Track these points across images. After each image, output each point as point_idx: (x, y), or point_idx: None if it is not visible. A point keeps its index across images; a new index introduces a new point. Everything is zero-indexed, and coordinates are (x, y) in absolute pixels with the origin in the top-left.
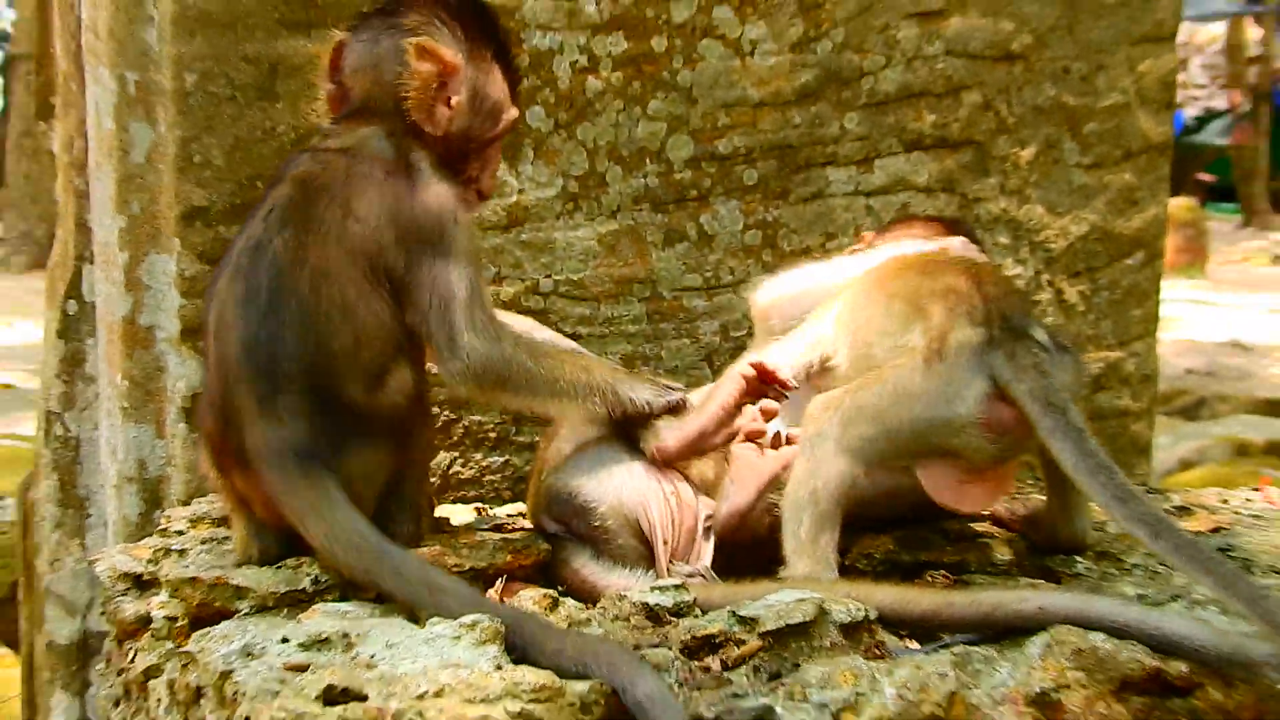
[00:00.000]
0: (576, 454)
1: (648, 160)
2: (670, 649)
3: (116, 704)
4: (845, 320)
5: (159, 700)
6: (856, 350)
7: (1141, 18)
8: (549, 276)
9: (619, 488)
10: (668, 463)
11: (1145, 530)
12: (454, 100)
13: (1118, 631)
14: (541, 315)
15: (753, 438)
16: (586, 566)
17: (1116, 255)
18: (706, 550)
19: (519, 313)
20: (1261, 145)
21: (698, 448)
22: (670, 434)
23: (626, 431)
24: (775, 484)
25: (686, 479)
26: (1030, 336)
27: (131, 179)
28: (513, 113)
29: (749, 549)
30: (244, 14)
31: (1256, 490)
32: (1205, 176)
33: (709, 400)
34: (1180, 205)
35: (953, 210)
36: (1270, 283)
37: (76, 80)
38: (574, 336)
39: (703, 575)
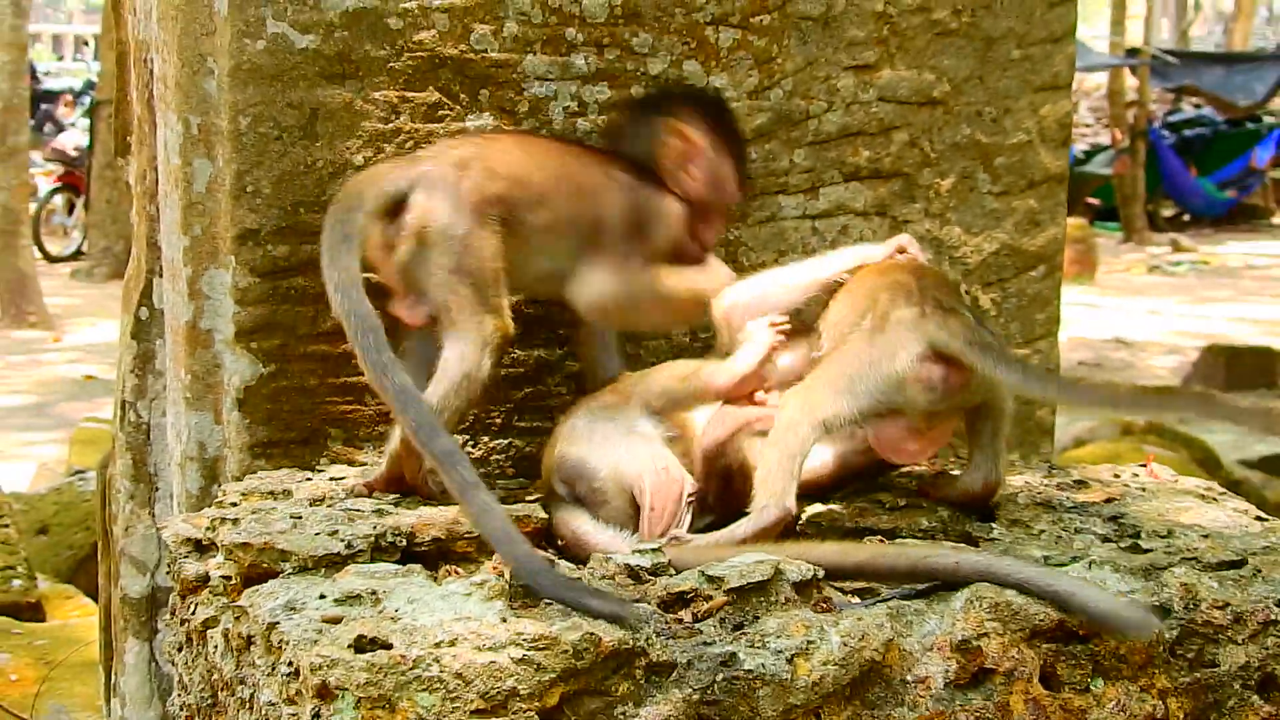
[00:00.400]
0: (588, 429)
1: None
2: (649, 603)
3: (180, 649)
4: (826, 319)
5: (216, 647)
6: (833, 344)
7: (1041, 70)
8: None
9: (618, 459)
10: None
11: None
12: (694, 172)
13: (1017, 586)
14: (539, 321)
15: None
16: (583, 527)
17: (1022, 268)
18: (685, 518)
19: (518, 316)
20: (1139, 174)
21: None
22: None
23: None
24: (750, 428)
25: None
26: (959, 312)
27: (194, 206)
28: (736, 194)
29: (723, 494)
30: (289, 67)
31: (1143, 466)
32: (1093, 200)
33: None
34: (1073, 224)
35: (885, 230)
36: (1148, 289)
37: (149, 122)
38: (567, 339)
39: (676, 539)
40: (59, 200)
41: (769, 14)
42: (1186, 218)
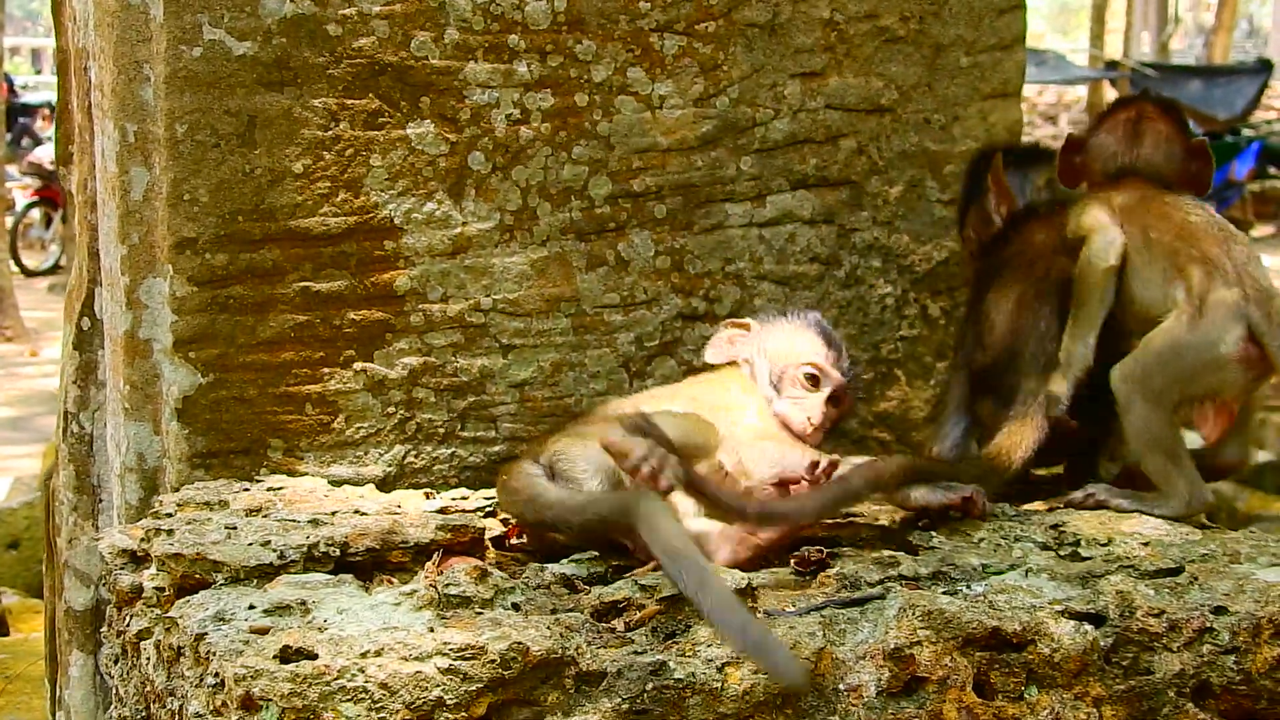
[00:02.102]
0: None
1: (572, 197)
2: (582, 613)
3: (116, 661)
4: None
5: (149, 659)
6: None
7: (990, 78)
8: (489, 296)
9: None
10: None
11: None
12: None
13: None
14: (482, 329)
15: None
16: (541, 482)
17: (969, 277)
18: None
19: (464, 327)
20: None
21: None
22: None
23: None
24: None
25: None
26: (1272, 295)
27: (131, 214)
28: None
29: None
30: (226, 75)
31: None
32: None
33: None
34: None
35: (833, 238)
36: None
37: (89, 131)
38: (510, 348)
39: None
40: (36, 214)
41: (714, 21)
42: None
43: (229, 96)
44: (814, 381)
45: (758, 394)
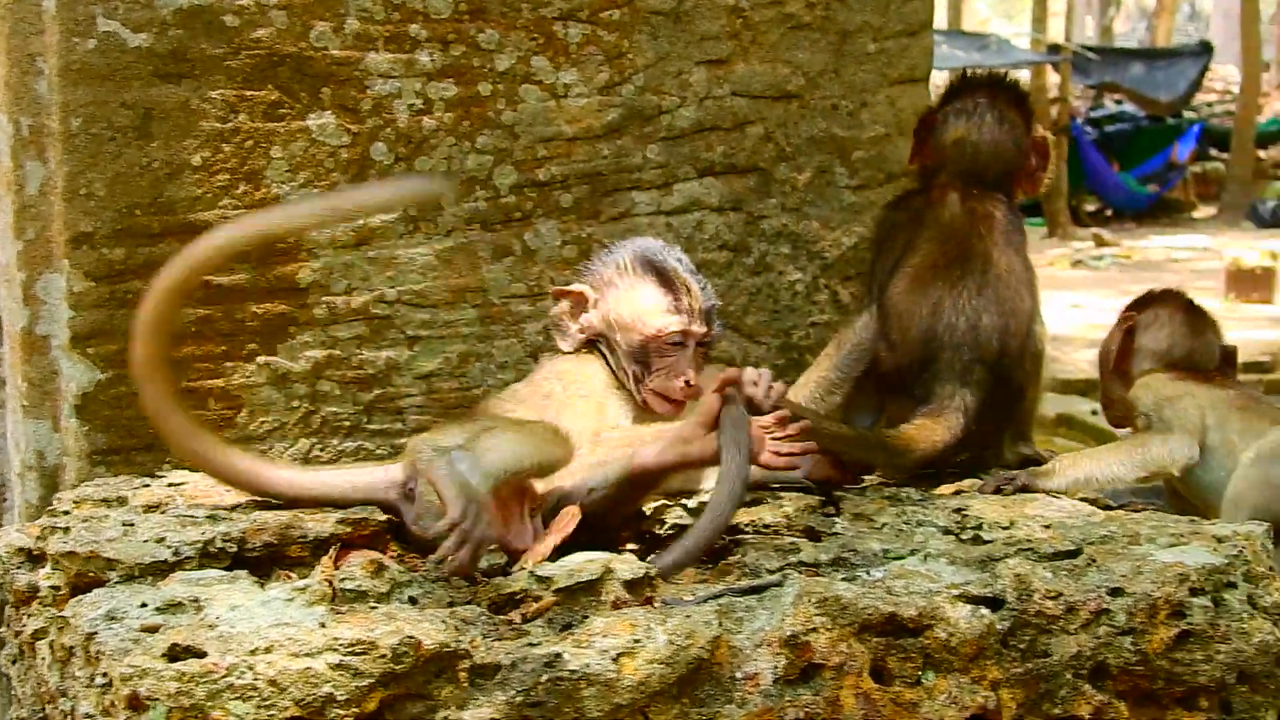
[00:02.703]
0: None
1: (478, 187)
2: (479, 606)
3: (14, 662)
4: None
5: (44, 659)
6: None
7: (898, 63)
8: (394, 288)
9: None
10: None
11: None
12: None
13: None
14: (387, 321)
15: None
16: None
17: None
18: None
19: (368, 319)
20: (1062, 170)
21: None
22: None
23: None
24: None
25: None
26: None
27: (27, 209)
28: None
29: None
30: (121, 67)
31: None
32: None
33: None
34: None
35: (741, 225)
36: (1072, 283)
37: None
38: (416, 339)
39: None
40: None
41: (618, 9)
42: (1109, 212)
43: (125, 89)
44: (678, 343)
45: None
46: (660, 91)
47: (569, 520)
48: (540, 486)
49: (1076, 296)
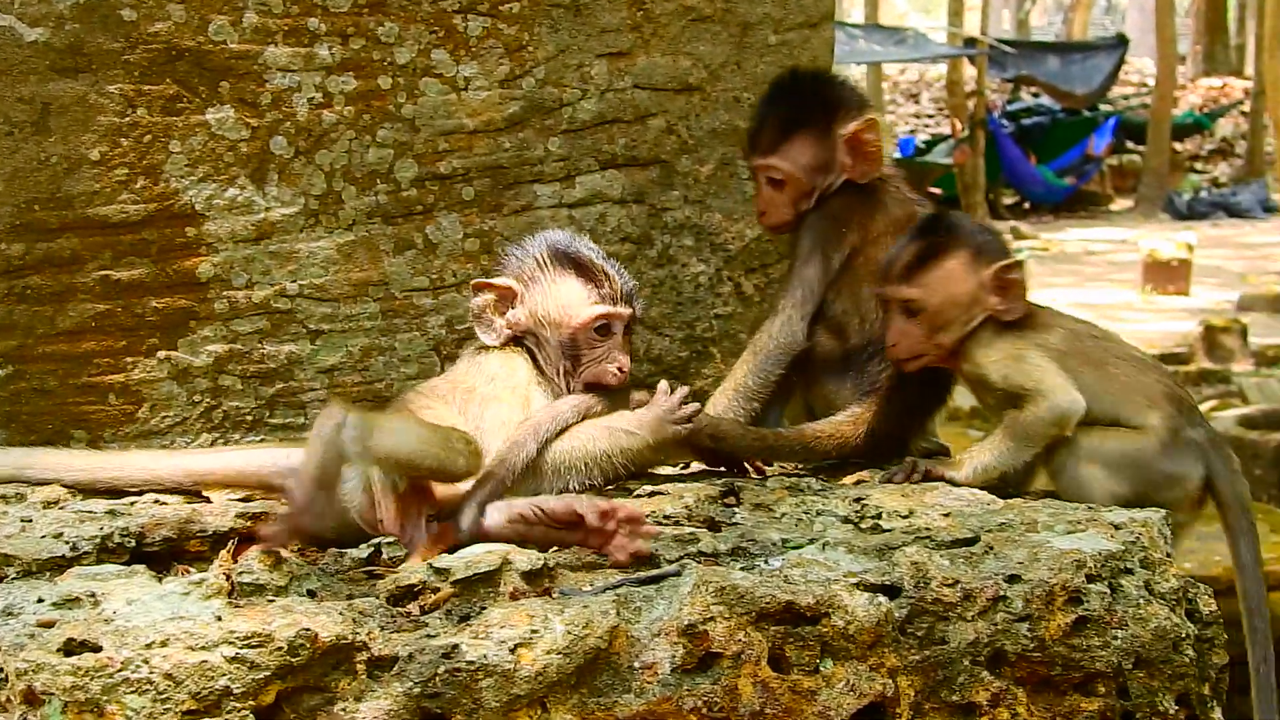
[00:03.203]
0: None
1: (378, 181)
2: (377, 598)
3: None
4: None
5: None
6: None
7: (799, 56)
8: (295, 281)
9: None
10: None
11: None
12: None
13: None
14: (289, 315)
15: None
16: None
17: (785, 253)
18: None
19: (270, 313)
20: (979, 163)
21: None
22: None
23: None
24: None
25: None
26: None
27: None
28: None
29: None
30: (18, 61)
31: None
32: (934, 190)
33: None
34: None
35: (643, 217)
36: None
37: None
38: (318, 333)
39: None
40: None
41: (519, 2)
42: (1026, 205)
43: (21, 84)
44: (605, 330)
45: (550, 374)
46: (561, 84)
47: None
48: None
49: None
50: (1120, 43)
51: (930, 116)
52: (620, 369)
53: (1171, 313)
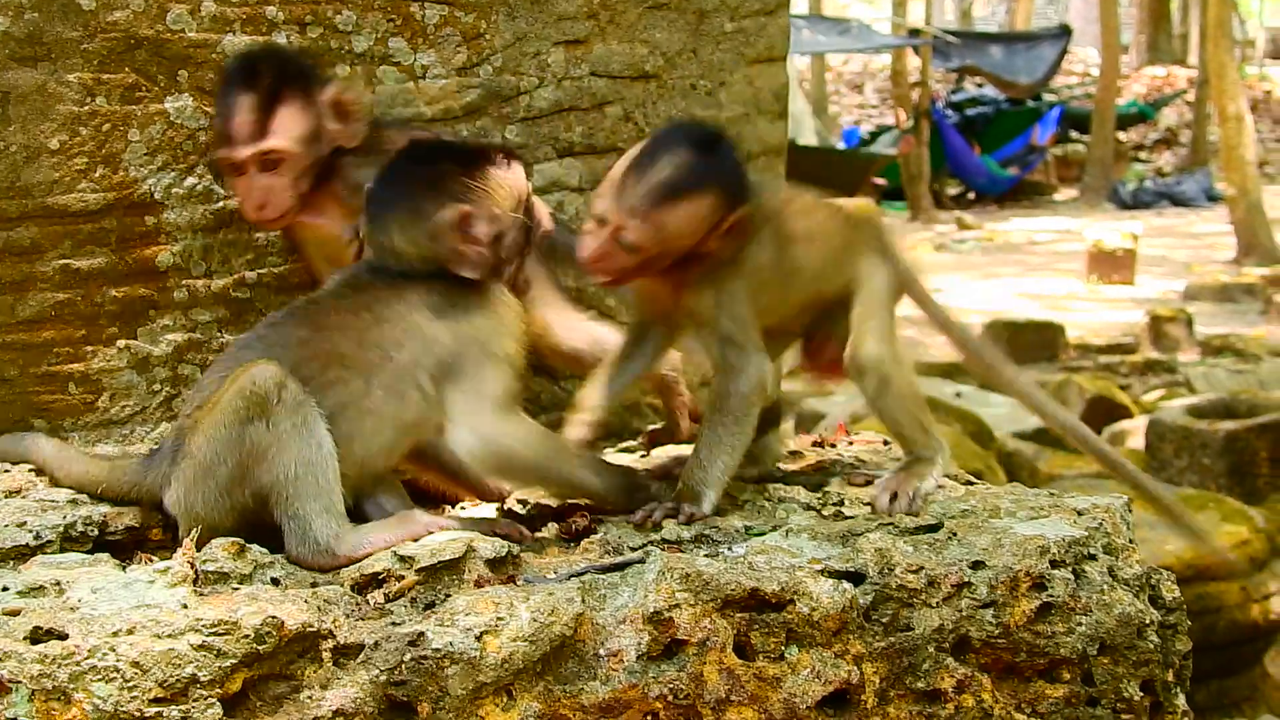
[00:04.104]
0: None
1: None
2: (341, 586)
3: None
4: None
5: None
6: None
7: (755, 43)
8: (254, 270)
9: None
10: None
11: None
12: None
13: None
14: (248, 304)
15: None
16: None
17: None
18: None
19: (229, 302)
20: (923, 154)
21: None
22: None
23: None
24: None
25: None
26: None
27: None
28: None
29: None
30: None
31: (840, 436)
32: (878, 180)
33: None
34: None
35: None
36: (934, 267)
37: None
38: (278, 323)
39: None
40: None
41: None
42: (971, 195)
43: None
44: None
45: None
46: (518, 72)
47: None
48: None
49: (939, 280)
50: (1064, 33)
51: (874, 107)
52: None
53: (1117, 302)
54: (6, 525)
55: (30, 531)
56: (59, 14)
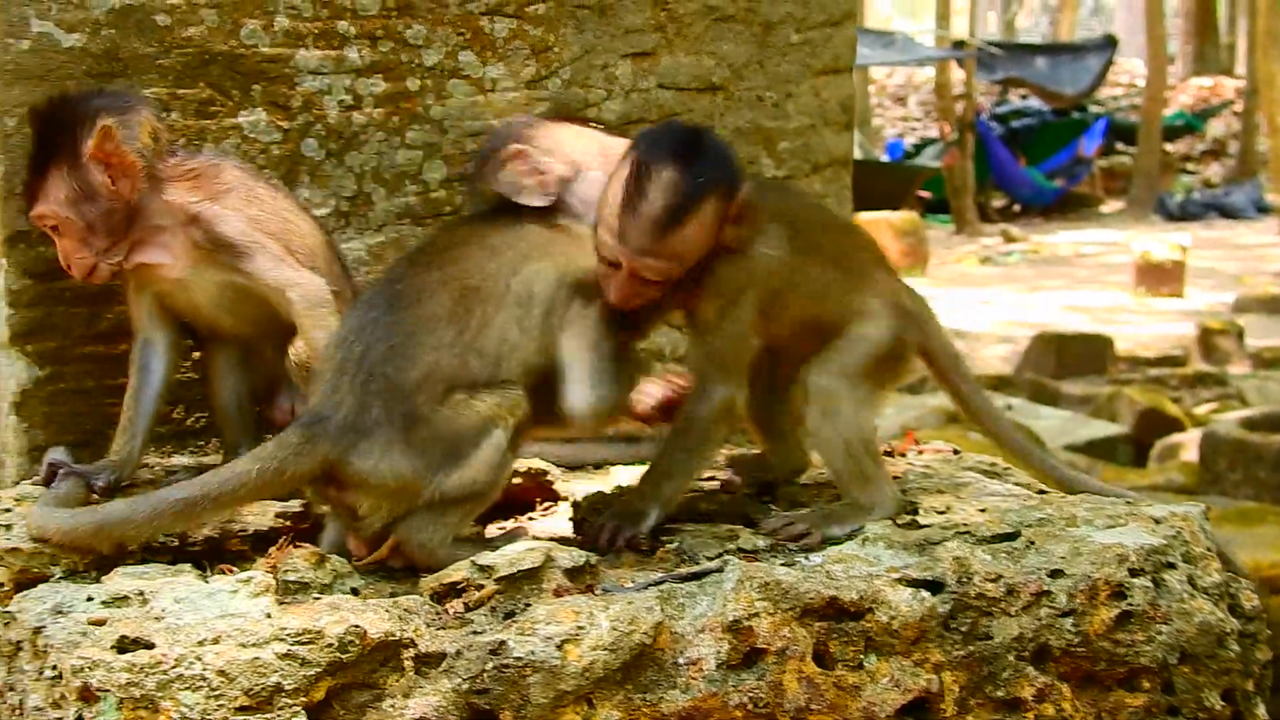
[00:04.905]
0: None
1: (407, 182)
2: (421, 595)
3: None
4: None
5: None
6: None
7: (821, 54)
8: None
9: None
10: None
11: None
12: None
13: None
14: None
15: None
16: None
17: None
18: None
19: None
20: (968, 166)
21: None
22: None
23: None
24: None
25: None
26: None
27: None
28: None
29: None
30: (55, 67)
31: (910, 446)
32: (923, 193)
33: None
34: (903, 217)
35: None
36: (980, 280)
37: None
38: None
39: None
40: None
41: (544, 3)
42: (1016, 208)
43: (59, 89)
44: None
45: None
46: (586, 84)
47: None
48: None
49: (985, 293)
50: (1109, 43)
51: (918, 120)
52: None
53: (1166, 315)
54: None
55: None
56: (135, 30)
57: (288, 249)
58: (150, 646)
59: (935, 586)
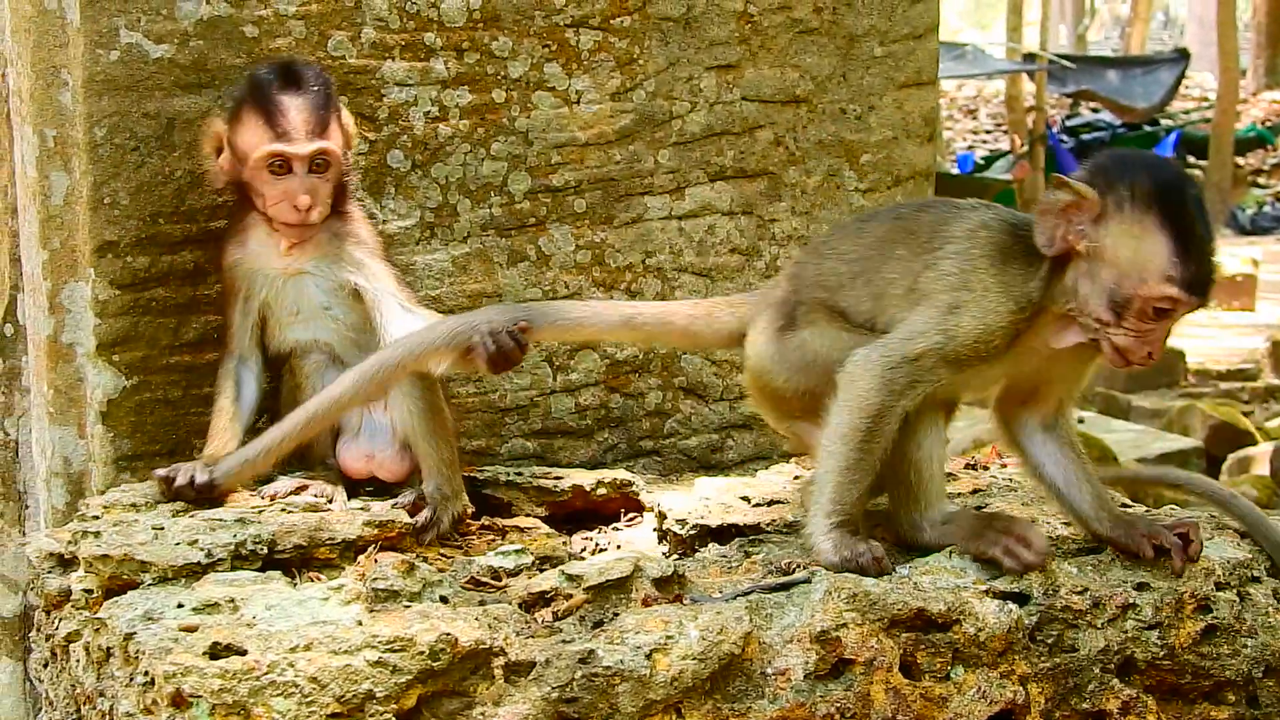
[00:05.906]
0: None
1: (492, 193)
2: (510, 604)
3: (45, 665)
4: None
5: (78, 661)
6: None
7: (905, 66)
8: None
9: None
10: None
11: None
12: None
13: None
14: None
15: None
16: None
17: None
18: None
19: None
20: (1039, 179)
21: None
22: None
23: None
24: None
25: None
26: None
27: (52, 219)
28: None
29: None
30: (144, 78)
31: (994, 459)
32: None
33: None
34: None
35: (752, 229)
36: None
37: (8, 137)
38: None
39: None
40: None
41: (629, 15)
42: None
43: (147, 99)
44: (1163, 314)
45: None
46: (671, 97)
47: None
48: None
49: None
50: (1181, 56)
51: (988, 132)
52: (1151, 353)
53: (1237, 328)
54: (178, 544)
55: (201, 550)
56: (223, 41)
57: None
58: (242, 653)
59: (1022, 599)
